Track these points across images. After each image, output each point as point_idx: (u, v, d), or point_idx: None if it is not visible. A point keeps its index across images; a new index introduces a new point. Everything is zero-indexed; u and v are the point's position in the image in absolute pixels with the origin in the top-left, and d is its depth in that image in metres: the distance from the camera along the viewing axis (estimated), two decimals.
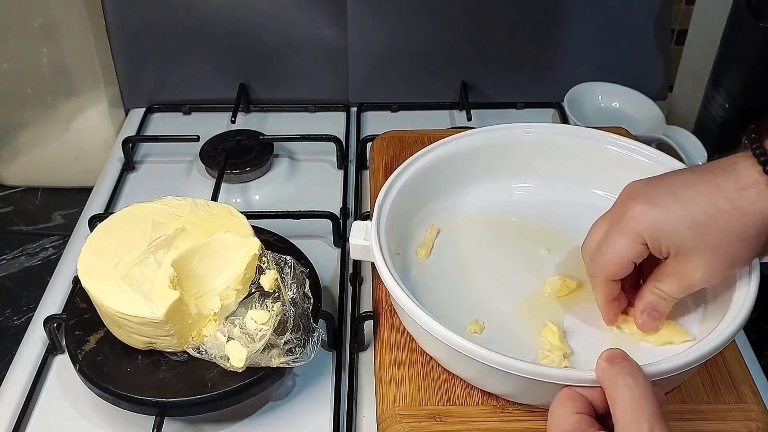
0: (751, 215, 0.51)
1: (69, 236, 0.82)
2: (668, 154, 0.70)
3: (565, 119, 0.93)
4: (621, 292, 0.58)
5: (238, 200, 0.85)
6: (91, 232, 0.67)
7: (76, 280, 0.72)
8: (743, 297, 0.55)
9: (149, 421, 0.58)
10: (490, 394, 0.57)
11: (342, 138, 0.90)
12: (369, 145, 0.87)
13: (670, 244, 0.53)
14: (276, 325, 0.59)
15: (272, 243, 0.69)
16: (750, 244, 0.52)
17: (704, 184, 0.52)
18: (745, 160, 0.51)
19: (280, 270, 0.62)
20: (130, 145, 0.89)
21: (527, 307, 0.63)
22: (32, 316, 0.72)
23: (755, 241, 0.52)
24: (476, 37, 0.96)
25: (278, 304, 0.60)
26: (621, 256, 0.54)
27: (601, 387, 0.48)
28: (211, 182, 0.83)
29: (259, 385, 0.58)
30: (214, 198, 0.80)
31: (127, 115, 1.00)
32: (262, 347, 0.58)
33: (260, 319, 0.60)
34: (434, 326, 0.54)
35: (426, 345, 0.59)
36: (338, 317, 0.69)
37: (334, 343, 0.67)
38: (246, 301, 0.61)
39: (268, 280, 0.61)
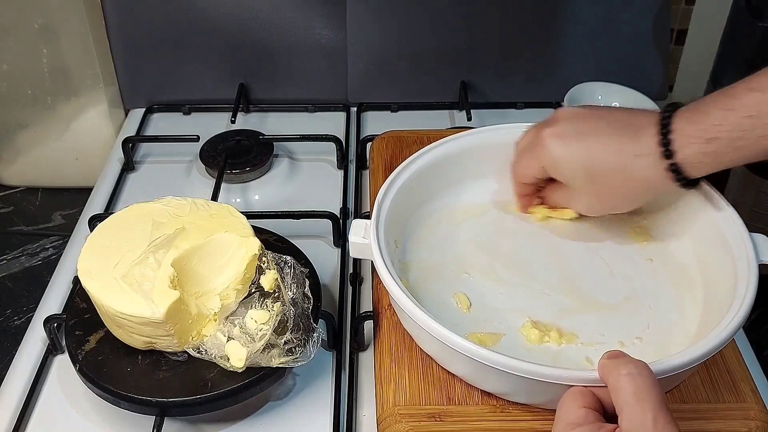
0: (634, 180, 0.59)
1: (69, 236, 0.82)
2: None
3: None
4: (533, 189, 0.69)
5: (238, 200, 0.85)
6: (91, 232, 0.67)
7: (76, 280, 0.72)
8: (742, 297, 0.55)
9: (149, 421, 0.58)
10: (489, 394, 0.57)
11: (342, 138, 0.90)
12: (369, 145, 0.87)
13: (563, 178, 0.63)
14: (276, 325, 0.59)
15: (272, 243, 0.69)
16: (629, 201, 0.63)
17: (611, 139, 0.59)
18: (652, 127, 0.57)
19: (280, 270, 0.62)
20: (130, 145, 0.90)
21: (524, 306, 0.63)
22: (32, 316, 0.72)
23: (634, 200, 0.63)
24: (476, 37, 0.96)
25: (278, 304, 0.60)
26: (526, 171, 0.66)
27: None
28: (211, 182, 0.83)
29: (259, 385, 0.58)
30: (214, 198, 0.80)
31: (127, 115, 1.00)
32: (262, 347, 0.58)
33: (260, 319, 0.60)
34: (432, 325, 0.54)
35: (424, 343, 0.59)
36: (338, 317, 0.69)
37: (334, 343, 0.67)
38: (246, 301, 0.61)
39: (268, 280, 0.61)
